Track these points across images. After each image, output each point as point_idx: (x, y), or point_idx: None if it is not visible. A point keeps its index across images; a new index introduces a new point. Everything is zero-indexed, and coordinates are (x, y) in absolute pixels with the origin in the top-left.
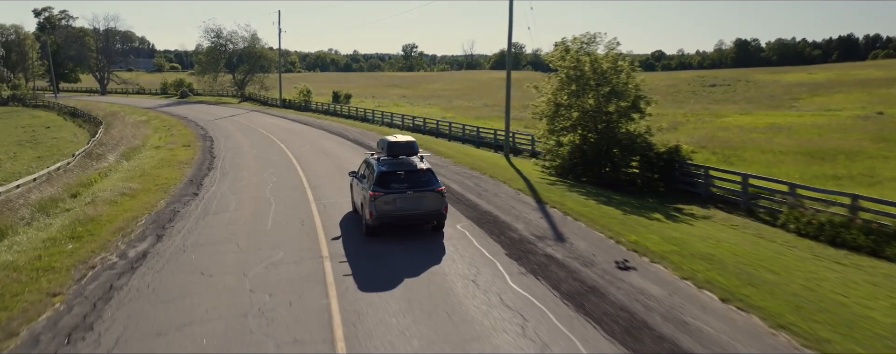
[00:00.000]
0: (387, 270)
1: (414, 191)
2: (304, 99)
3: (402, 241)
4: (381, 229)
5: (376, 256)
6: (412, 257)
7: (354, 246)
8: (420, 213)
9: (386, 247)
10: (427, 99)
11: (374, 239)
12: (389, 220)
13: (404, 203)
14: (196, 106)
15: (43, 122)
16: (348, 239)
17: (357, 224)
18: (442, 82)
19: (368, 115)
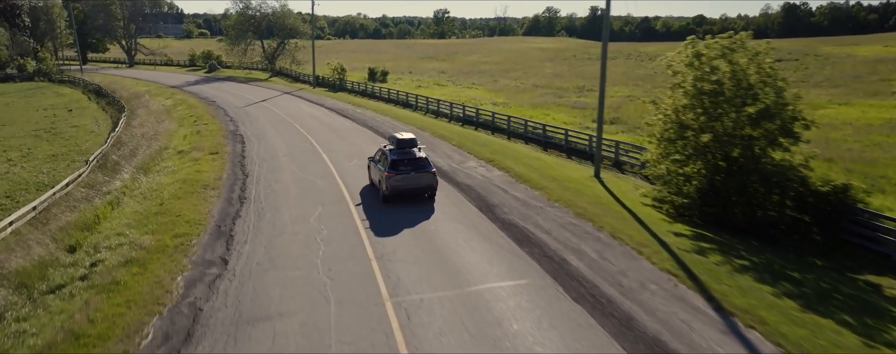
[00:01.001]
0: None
1: (415, 173)
2: (339, 77)
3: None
4: (392, 198)
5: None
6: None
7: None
8: (419, 187)
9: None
10: (467, 75)
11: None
12: (399, 192)
13: (408, 180)
14: (224, 84)
15: (66, 103)
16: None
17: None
18: (478, 54)
19: (411, 101)
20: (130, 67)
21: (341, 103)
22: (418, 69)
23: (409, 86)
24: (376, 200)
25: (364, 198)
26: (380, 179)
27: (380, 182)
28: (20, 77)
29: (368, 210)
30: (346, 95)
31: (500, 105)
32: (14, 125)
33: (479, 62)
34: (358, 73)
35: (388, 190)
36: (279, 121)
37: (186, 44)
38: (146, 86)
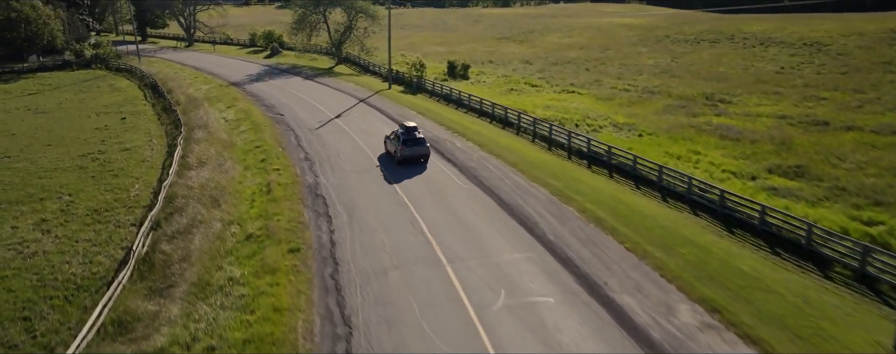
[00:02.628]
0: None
1: (417, 146)
2: (417, 74)
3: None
4: (403, 162)
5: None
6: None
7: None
8: (419, 155)
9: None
10: (558, 68)
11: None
12: (406, 158)
13: (413, 151)
14: (289, 81)
15: (120, 103)
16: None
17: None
18: (557, 32)
19: (511, 118)
20: (189, 46)
21: (431, 123)
22: (498, 56)
23: (498, 89)
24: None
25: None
26: (395, 150)
27: (395, 152)
28: (77, 63)
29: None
30: (429, 102)
31: (624, 129)
32: (62, 145)
33: (562, 46)
34: (432, 62)
35: (400, 157)
36: (369, 168)
37: (246, 13)
38: (205, 84)
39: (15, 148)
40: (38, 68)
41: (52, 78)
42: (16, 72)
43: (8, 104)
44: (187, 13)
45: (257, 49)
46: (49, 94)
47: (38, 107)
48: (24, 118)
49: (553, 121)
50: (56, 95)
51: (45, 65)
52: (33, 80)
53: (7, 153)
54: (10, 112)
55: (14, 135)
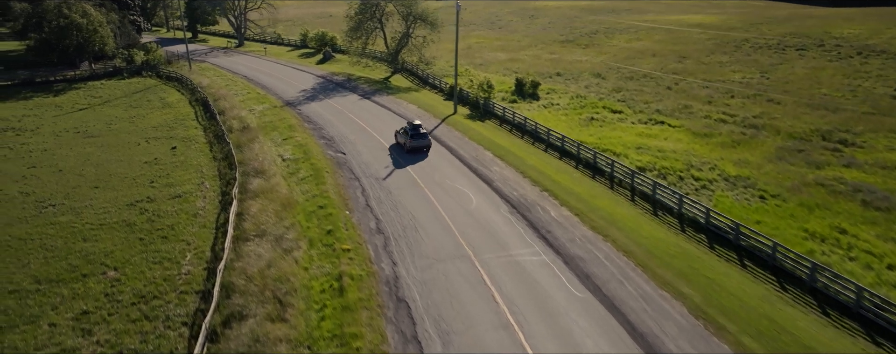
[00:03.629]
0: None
1: (421, 139)
2: (484, 95)
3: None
4: (411, 151)
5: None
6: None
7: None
8: (423, 146)
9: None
10: (633, 82)
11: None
12: (413, 148)
13: (417, 142)
14: (346, 100)
15: (171, 123)
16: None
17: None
18: (625, 34)
19: (602, 165)
20: (240, 46)
21: (513, 174)
22: (565, 65)
23: (576, 116)
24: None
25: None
26: (404, 141)
27: (404, 143)
28: (128, 70)
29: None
30: (503, 135)
31: (738, 185)
32: (109, 186)
33: (632, 53)
34: (495, 73)
35: (408, 147)
36: (456, 253)
37: (298, 8)
38: (259, 103)
39: (61, 191)
40: (89, 76)
41: (103, 88)
42: (68, 80)
43: (58, 124)
44: (238, 12)
45: (309, 51)
46: (99, 110)
47: (87, 129)
48: (72, 145)
49: (650, 168)
50: (106, 112)
51: (96, 72)
52: (84, 92)
53: (52, 199)
54: (60, 135)
55: (61, 172)
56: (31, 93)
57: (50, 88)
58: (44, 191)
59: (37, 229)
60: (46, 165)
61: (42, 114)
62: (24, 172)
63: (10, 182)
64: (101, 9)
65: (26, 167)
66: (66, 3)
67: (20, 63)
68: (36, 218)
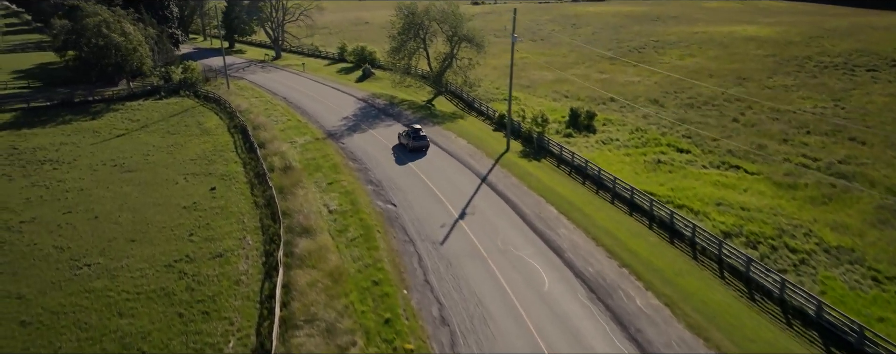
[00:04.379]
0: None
1: (421, 140)
2: (538, 130)
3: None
4: (413, 150)
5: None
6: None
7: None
8: (423, 146)
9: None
10: (695, 110)
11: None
12: (414, 147)
13: (417, 143)
14: (390, 132)
15: (209, 157)
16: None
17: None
18: (676, 48)
19: (687, 230)
20: (277, 58)
21: (587, 243)
22: (618, 88)
23: (640, 157)
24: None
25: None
26: (407, 142)
27: (406, 144)
28: (166, 88)
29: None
30: (566, 183)
31: (843, 261)
32: (146, 239)
33: (687, 71)
34: (543, 97)
35: (411, 146)
36: None
37: (329, 3)
38: (300, 133)
39: (97, 245)
40: (127, 96)
41: (141, 110)
42: (105, 100)
43: (96, 154)
44: (275, 24)
45: (347, 66)
46: (136, 137)
47: (124, 162)
48: (109, 182)
49: (736, 233)
50: (143, 139)
51: (134, 92)
52: (122, 114)
53: (88, 256)
54: (96, 170)
55: (97, 219)
56: (70, 116)
57: (88, 110)
58: (79, 246)
59: (71, 299)
60: (82, 210)
61: (79, 141)
62: (59, 219)
63: (45, 233)
64: (139, 24)
65: (62, 212)
66: (105, 22)
67: (59, 79)
68: (70, 283)
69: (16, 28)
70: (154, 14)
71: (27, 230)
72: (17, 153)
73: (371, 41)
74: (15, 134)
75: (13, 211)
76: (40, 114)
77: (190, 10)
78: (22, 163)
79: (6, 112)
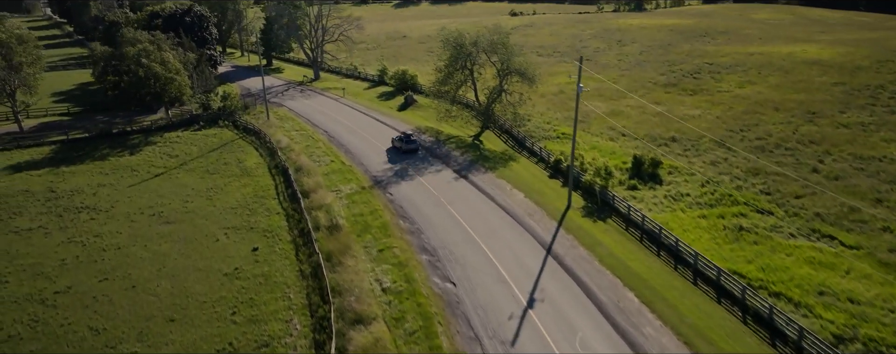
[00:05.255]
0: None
1: (412, 144)
2: (602, 183)
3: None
4: (404, 151)
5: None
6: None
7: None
8: (414, 148)
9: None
10: (767, 154)
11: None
12: (407, 149)
13: (409, 145)
14: (439, 179)
15: (250, 206)
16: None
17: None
18: (732, 74)
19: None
20: (315, 80)
21: (678, 347)
22: (678, 125)
23: (715, 221)
24: (398, 153)
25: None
26: (400, 145)
27: (400, 147)
28: (205, 117)
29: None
30: (631, 246)
31: None
32: (186, 319)
33: (750, 103)
34: (597, 135)
35: (403, 149)
36: None
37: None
38: (345, 180)
39: (134, 326)
40: (166, 126)
41: (179, 143)
42: (144, 131)
43: (134, 199)
44: (314, 45)
45: (387, 90)
46: (175, 177)
47: (162, 209)
48: (148, 238)
49: (851, 337)
50: (182, 181)
51: (172, 122)
52: (160, 147)
53: (124, 343)
54: (134, 221)
55: (134, 289)
56: (107, 150)
57: (126, 143)
58: (115, 327)
59: None
60: (119, 276)
61: (117, 181)
62: (95, 289)
63: (79, 308)
64: (178, 49)
65: (98, 279)
66: (145, 51)
67: (99, 103)
68: None
69: (57, 41)
70: (194, 36)
71: (62, 303)
72: (54, 197)
73: (410, 60)
74: (53, 172)
75: (48, 278)
76: (79, 148)
77: (228, 25)
78: (59, 212)
79: (46, 145)
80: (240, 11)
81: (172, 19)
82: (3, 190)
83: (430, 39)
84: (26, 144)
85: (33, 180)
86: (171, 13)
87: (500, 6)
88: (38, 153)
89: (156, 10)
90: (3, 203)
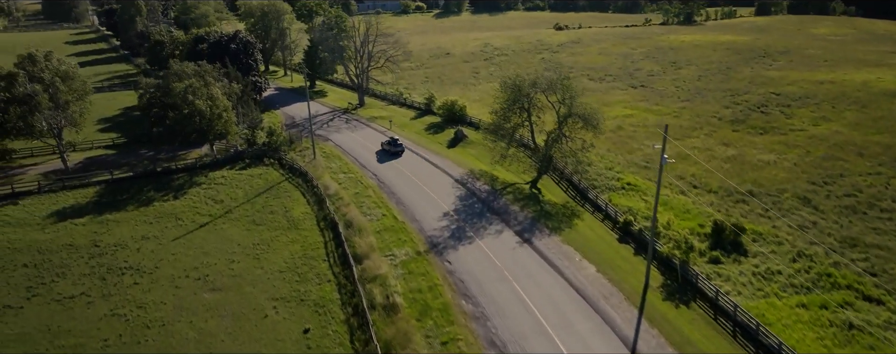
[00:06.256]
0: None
1: (397, 146)
2: (682, 256)
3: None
4: (391, 153)
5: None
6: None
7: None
8: (399, 151)
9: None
10: (859, 218)
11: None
12: (394, 151)
13: (395, 148)
14: (498, 243)
15: (299, 269)
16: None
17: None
18: (804, 107)
19: None
20: (361, 106)
21: None
22: (754, 173)
23: (818, 311)
24: (386, 155)
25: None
26: (388, 148)
27: (388, 149)
28: (250, 154)
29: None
30: (727, 349)
31: None
32: None
33: (829, 145)
34: (666, 188)
35: (391, 151)
36: None
37: (407, 25)
38: (398, 242)
39: None
40: (210, 164)
41: (224, 186)
42: (188, 169)
43: (178, 258)
44: (359, 71)
45: (435, 121)
46: (220, 229)
47: (208, 274)
48: (193, 311)
49: None
50: (227, 233)
51: (217, 159)
52: (204, 189)
53: None
54: (179, 286)
55: None
56: (152, 192)
57: (170, 183)
58: None
59: None
60: None
61: (161, 233)
62: None
63: None
64: (223, 80)
65: None
66: (192, 88)
67: (143, 136)
68: None
69: (104, 56)
70: (239, 64)
71: None
72: (98, 254)
73: (456, 83)
74: (97, 221)
75: None
76: (122, 191)
77: (271, 43)
78: (102, 273)
79: (91, 185)
80: (284, 29)
81: (218, 46)
82: (47, 245)
83: (474, 57)
84: (72, 185)
85: (77, 231)
86: (217, 40)
87: (541, 15)
88: (82, 196)
89: (201, 34)
90: (47, 261)
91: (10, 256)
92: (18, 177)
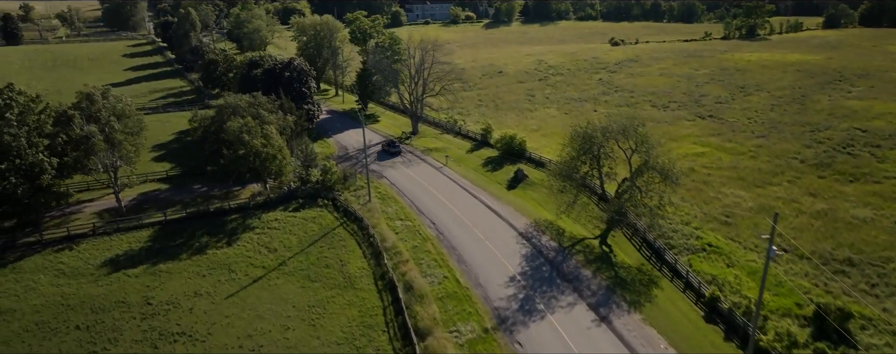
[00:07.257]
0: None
1: (395, 147)
2: (785, 348)
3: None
4: (389, 153)
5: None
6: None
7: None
8: (395, 151)
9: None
10: None
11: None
12: (392, 151)
13: (393, 148)
14: (570, 320)
15: (357, 341)
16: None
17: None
18: (893, 149)
19: None
20: (414, 134)
21: None
22: (851, 236)
23: None
24: (386, 154)
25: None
26: (387, 148)
27: (387, 149)
28: (303, 193)
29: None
30: None
31: None
32: None
33: None
34: (751, 251)
35: (390, 151)
36: None
37: (456, 36)
38: (462, 315)
39: None
40: (263, 204)
41: (278, 231)
42: (241, 209)
43: (232, 322)
44: (414, 98)
45: (492, 155)
46: (274, 286)
47: (261, 346)
48: None
49: None
50: (281, 292)
51: (270, 199)
52: (257, 234)
53: None
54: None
55: None
56: (205, 238)
57: (223, 227)
58: None
59: None
60: None
61: (214, 289)
62: None
63: None
64: (278, 112)
65: None
66: (247, 128)
67: (196, 168)
68: None
69: (159, 70)
70: (292, 92)
71: None
72: (151, 313)
73: (512, 108)
74: (150, 272)
75: None
76: (176, 234)
77: (323, 62)
78: (154, 340)
79: (144, 227)
80: (336, 48)
81: (271, 74)
82: (100, 302)
83: (528, 77)
84: (126, 227)
85: (130, 285)
86: (271, 67)
87: (593, 25)
88: (136, 240)
89: (255, 58)
90: (99, 323)
91: (64, 315)
92: (75, 218)
